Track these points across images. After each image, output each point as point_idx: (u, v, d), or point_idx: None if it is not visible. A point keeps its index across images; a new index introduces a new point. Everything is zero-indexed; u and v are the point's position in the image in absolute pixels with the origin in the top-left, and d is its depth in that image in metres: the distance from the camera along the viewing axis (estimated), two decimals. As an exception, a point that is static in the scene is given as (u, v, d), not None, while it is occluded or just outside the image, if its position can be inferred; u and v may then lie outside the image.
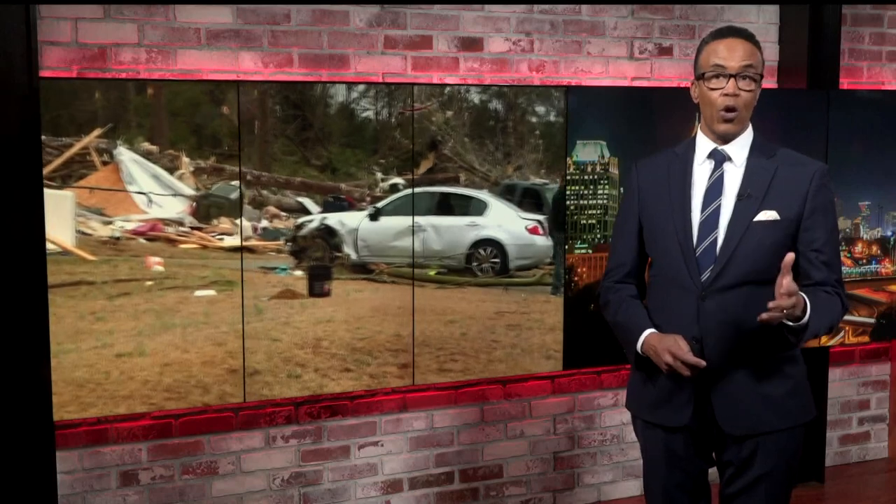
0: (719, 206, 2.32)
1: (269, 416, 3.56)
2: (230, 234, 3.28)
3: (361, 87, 3.43)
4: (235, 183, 3.25)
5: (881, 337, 4.30)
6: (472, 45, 3.70)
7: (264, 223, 3.32)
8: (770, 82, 4.17)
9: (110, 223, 3.14)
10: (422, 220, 3.51)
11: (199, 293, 3.24)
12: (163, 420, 3.42)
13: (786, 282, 2.09)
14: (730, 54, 2.28)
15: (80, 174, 3.06)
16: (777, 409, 2.32)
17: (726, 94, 2.28)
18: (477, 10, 3.68)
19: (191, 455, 3.48)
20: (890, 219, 4.20)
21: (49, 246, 3.06)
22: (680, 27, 3.99)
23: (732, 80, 2.28)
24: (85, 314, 3.10)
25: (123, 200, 3.13)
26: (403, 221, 3.50)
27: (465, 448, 3.86)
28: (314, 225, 3.40)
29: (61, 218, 3.05)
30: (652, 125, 3.68)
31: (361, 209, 3.46)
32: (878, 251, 4.20)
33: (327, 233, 3.42)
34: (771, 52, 4.17)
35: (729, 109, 2.29)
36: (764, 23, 4.14)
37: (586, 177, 3.70)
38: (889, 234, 4.20)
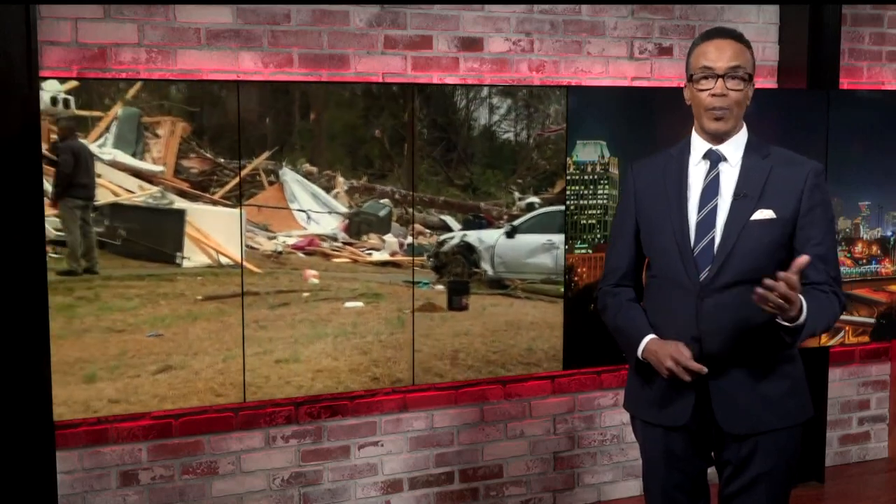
0: (716, 206, 2.33)
1: (269, 416, 3.56)
2: (378, 250, 3.50)
3: (503, 110, 3.62)
4: (385, 201, 3.47)
5: (881, 337, 4.30)
6: (472, 45, 3.70)
7: (409, 239, 3.52)
8: (770, 82, 4.17)
9: (274, 238, 3.36)
10: (555, 237, 3.66)
11: (348, 304, 3.45)
12: (163, 420, 3.42)
13: (790, 275, 2.09)
14: (718, 55, 2.30)
15: (250, 193, 3.29)
16: (776, 409, 2.33)
17: (714, 95, 2.30)
18: (477, 10, 3.68)
19: (191, 455, 3.48)
20: (890, 219, 4.20)
21: (222, 259, 3.27)
22: (680, 27, 3.99)
23: (720, 80, 2.29)
24: (249, 322, 3.32)
25: (286, 217, 3.36)
26: (538, 239, 3.66)
27: (465, 448, 3.86)
28: (455, 242, 3.59)
29: (233, 233, 3.28)
30: (652, 125, 3.68)
31: (499, 227, 3.62)
32: (878, 251, 4.19)
33: (466, 249, 3.62)
34: (771, 52, 4.17)
35: (717, 108, 2.30)
36: (764, 23, 4.14)
37: (586, 177, 3.70)
38: (889, 234, 4.20)
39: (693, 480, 2.45)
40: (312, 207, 3.39)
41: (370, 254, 3.48)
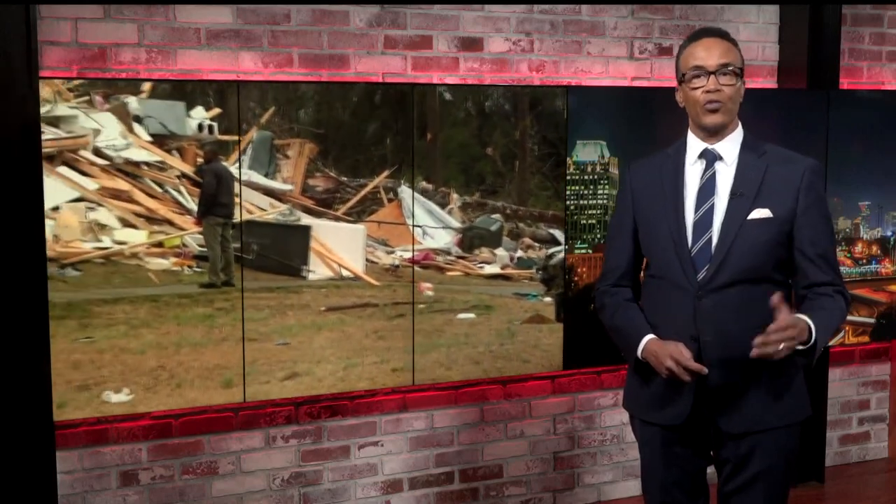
0: (713, 206, 2.33)
1: (269, 416, 3.56)
2: (489, 263, 3.65)
3: None
4: (496, 216, 3.63)
5: (881, 337, 4.30)
6: (472, 45, 3.70)
7: (519, 253, 3.67)
8: (770, 82, 4.17)
9: (392, 252, 3.51)
10: None
11: (461, 316, 3.62)
12: (163, 420, 3.42)
13: (782, 318, 2.13)
14: (707, 54, 2.33)
15: (370, 210, 3.45)
16: (775, 408, 2.33)
17: (708, 91, 2.31)
18: (477, 10, 3.68)
19: (191, 455, 3.48)
20: (890, 219, 4.20)
21: (343, 272, 3.43)
22: (680, 27, 3.99)
23: (712, 76, 2.31)
24: (369, 332, 3.47)
25: (403, 233, 3.52)
26: None
27: (465, 448, 3.86)
28: (562, 255, 3.70)
29: (355, 248, 3.45)
30: (652, 125, 3.68)
31: None
32: (878, 251, 4.19)
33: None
34: (771, 52, 4.17)
35: (712, 102, 2.31)
36: (764, 23, 4.14)
37: (586, 177, 3.70)
38: (889, 234, 4.20)
39: (692, 479, 2.45)
40: (428, 223, 3.55)
41: (482, 267, 3.65)
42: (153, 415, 3.38)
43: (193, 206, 3.23)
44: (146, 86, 3.14)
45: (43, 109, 3.01)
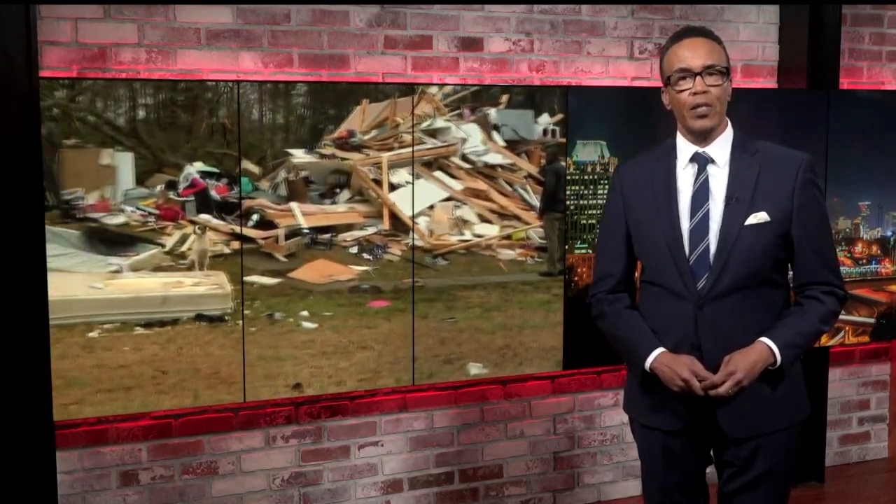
0: (708, 212, 2.30)
1: (269, 416, 3.56)
2: None
3: None
4: None
5: (881, 337, 4.30)
6: (472, 45, 3.70)
7: None
8: (770, 82, 4.17)
9: None
10: None
11: None
12: (163, 420, 3.42)
13: (717, 375, 2.25)
14: (692, 54, 2.28)
15: None
16: (777, 410, 2.33)
17: (695, 93, 2.28)
18: (477, 10, 3.68)
19: (191, 455, 3.48)
20: (890, 219, 4.20)
21: None
22: (680, 27, 3.97)
23: (699, 77, 2.27)
24: None
25: None
26: None
27: (465, 448, 3.86)
28: None
29: None
30: (652, 125, 3.66)
31: None
32: (878, 251, 4.19)
33: None
34: (771, 52, 4.17)
35: (699, 105, 2.28)
36: (764, 23, 4.14)
37: (586, 177, 3.70)
38: (889, 234, 4.20)
39: (692, 480, 2.44)
40: None
41: None
42: (153, 415, 3.38)
43: (536, 203, 3.64)
44: (504, 97, 3.57)
45: (424, 124, 3.48)
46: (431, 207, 3.52)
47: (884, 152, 4.14)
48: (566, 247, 3.68)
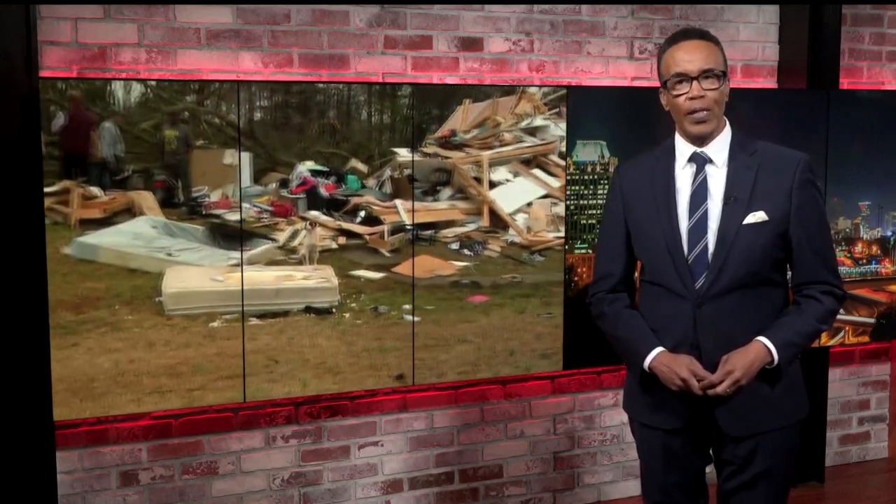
0: (706, 211, 2.31)
1: (269, 416, 3.56)
2: None
3: None
4: None
5: (881, 337, 4.30)
6: (472, 45, 3.70)
7: None
8: (770, 82, 4.17)
9: None
10: None
11: None
12: (163, 420, 3.42)
13: (716, 374, 2.26)
14: (689, 58, 2.28)
15: None
16: (775, 409, 2.33)
17: (692, 98, 2.28)
18: (477, 10, 3.68)
19: (191, 455, 3.48)
20: (890, 219, 4.20)
21: None
22: (680, 27, 3.98)
23: (696, 82, 2.26)
24: None
25: None
26: None
27: (465, 448, 3.86)
28: None
29: None
30: (652, 125, 3.66)
31: None
32: (878, 251, 4.19)
33: None
34: (771, 52, 4.17)
35: (697, 111, 2.28)
36: (764, 23, 4.14)
37: (586, 177, 3.70)
38: (889, 234, 4.20)
39: (692, 479, 2.44)
40: None
41: None
42: (153, 415, 3.38)
43: None
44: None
45: (524, 122, 3.55)
46: (529, 205, 3.62)
47: (884, 152, 4.14)
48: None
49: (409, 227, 3.47)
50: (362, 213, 3.42)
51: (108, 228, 3.11)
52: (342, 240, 3.39)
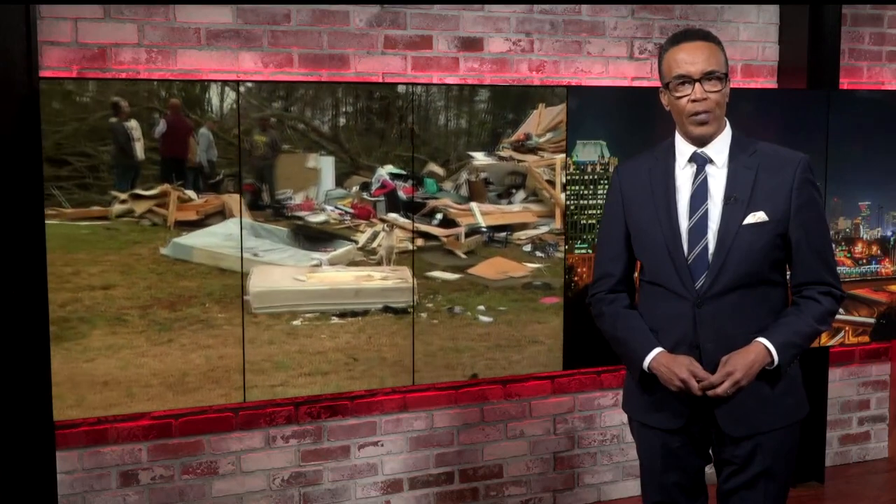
0: (706, 212, 2.31)
1: (269, 416, 3.56)
2: None
3: None
4: None
5: (881, 337, 4.30)
6: (472, 45, 3.70)
7: None
8: (770, 82, 4.17)
9: None
10: None
11: None
12: (163, 420, 3.42)
13: (715, 375, 2.25)
14: (691, 59, 2.27)
15: None
16: (775, 409, 2.33)
17: (695, 100, 2.27)
18: (477, 10, 3.68)
19: (191, 455, 3.48)
20: (890, 219, 4.20)
21: None
22: (680, 27, 3.98)
23: (698, 84, 2.26)
24: None
25: None
26: None
27: (465, 448, 3.86)
28: None
29: None
30: (652, 125, 3.67)
31: None
32: (878, 251, 4.19)
33: None
34: (771, 52, 4.17)
35: (699, 113, 2.28)
36: (764, 23, 4.14)
37: (586, 177, 3.70)
38: (889, 234, 4.20)
39: (691, 479, 2.44)
40: None
41: None
42: (153, 415, 3.38)
43: None
44: None
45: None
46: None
47: (884, 152, 4.14)
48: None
49: (483, 230, 3.57)
50: (439, 216, 3.53)
51: (201, 230, 3.23)
52: (419, 241, 3.49)
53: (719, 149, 2.34)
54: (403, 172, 3.45)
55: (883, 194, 4.16)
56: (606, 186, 3.70)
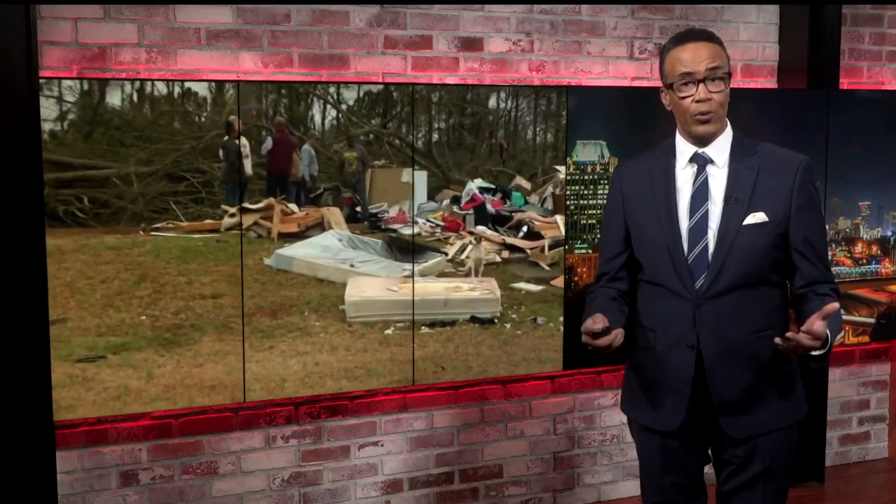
0: (707, 212, 2.31)
1: (269, 416, 3.56)
2: None
3: None
4: None
5: (881, 337, 4.30)
6: (472, 45, 3.70)
7: None
8: (770, 82, 4.17)
9: None
10: None
11: None
12: (163, 420, 3.42)
13: (817, 326, 2.10)
14: (694, 59, 2.27)
15: None
16: (775, 409, 2.33)
17: (698, 101, 2.27)
18: (477, 10, 3.68)
19: (191, 455, 3.48)
20: (890, 219, 4.20)
21: None
22: (680, 27, 3.98)
23: (702, 84, 2.26)
24: None
25: None
26: None
27: (465, 448, 3.86)
28: None
29: None
30: (652, 125, 3.66)
31: None
32: (878, 251, 4.19)
33: None
34: (771, 52, 4.17)
35: (703, 113, 2.28)
36: (764, 23, 4.14)
37: (586, 177, 3.70)
38: (889, 234, 4.20)
39: (690, 479, 2.44)
40: None
41: None
42: (153, 415, 3.38)
43: None
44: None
45: None
46: None
47: (884, 152, 4.14)
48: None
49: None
50: (524, 228, 3.65)
51: (301, 241, 3.38)
52: (505, 253, 3.62)
53: (720, 149, 2.34)
54: (492, 186, 3.59)
55: (883, 194, 4.17)
56: (606, 186, 3.70)
